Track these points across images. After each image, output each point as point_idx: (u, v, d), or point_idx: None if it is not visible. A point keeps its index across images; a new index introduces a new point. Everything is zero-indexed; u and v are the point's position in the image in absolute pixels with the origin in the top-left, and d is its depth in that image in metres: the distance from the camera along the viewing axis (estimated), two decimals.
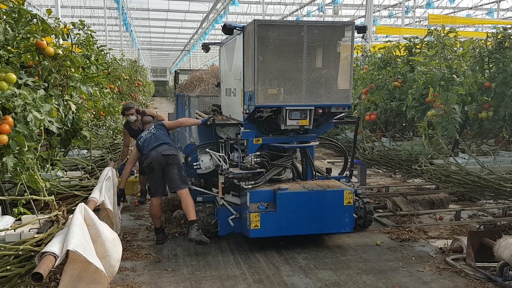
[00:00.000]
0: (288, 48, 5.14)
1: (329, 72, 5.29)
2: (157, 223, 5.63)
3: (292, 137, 5.56)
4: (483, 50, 5.71)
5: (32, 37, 3.34)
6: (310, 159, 5.82)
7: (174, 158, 5.39)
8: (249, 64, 5.17)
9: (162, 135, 5.61)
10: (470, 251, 4.94)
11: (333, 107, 5.37)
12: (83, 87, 3.90)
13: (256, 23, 4.95)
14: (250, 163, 5.24)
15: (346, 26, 5.33)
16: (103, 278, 2.98)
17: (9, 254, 2.93)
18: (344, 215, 5.33)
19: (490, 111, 5.72)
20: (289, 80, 5.17)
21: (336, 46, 5.33)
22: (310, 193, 5.24)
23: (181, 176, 5.34)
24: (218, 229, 5.59)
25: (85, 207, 3.25)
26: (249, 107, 5.21)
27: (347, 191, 5.33)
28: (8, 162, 2.83)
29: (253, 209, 5.12)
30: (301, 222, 5.22)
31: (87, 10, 24.89)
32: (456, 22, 12.28)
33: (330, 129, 6.66)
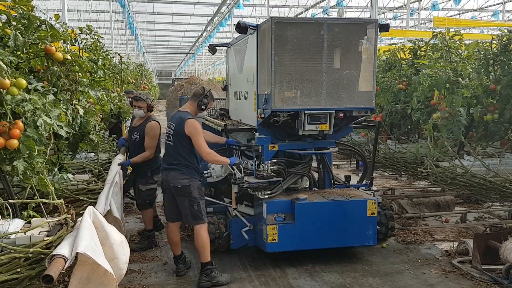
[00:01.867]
0: (307, 47, 4.84)
1: (350, 73, 4.99)
2: (176, 250, 4.87)
3: (309, 143, 5.23)
4: (488, 53, 5.72)
5: (41, 43, 3.39)
6: (328, 166, 5.48)
7: (184, 191, 4.57)
8: (264, 65, 4.88)
9: (180, 151, 4.62)
10: (476, 254, 4.94)
11: (355, 110, 5.08)
12: (91, 91, 3.95)
13: (273, 20, 4.63)
14: (266, 171, 4.86)
15: (369, 24, 5.02)
16: (112, 280, 3.01)
17: (19, 257, 2.96)
18: (367, 227, 4.98)
19: (496, 114, 5.72)
20: (308, 82, 4.86)
21: (358, 45, 5.03)
22: (331, 204, 4.90)
23: (193, 212, 4.57)
24: (230, 242, 5.27)
25: (94, 210, 3.29)
26: (264, 111, 4.89)
27: (370, 201, 4.99)
28: (18, 166, 2.89)
29: (270, 221, 4.78)
30: (321, 235, 4.89)
31: (93, 14, 25.03)
32: (461, 25, 12.27)
33: (348, 134, 6.45)
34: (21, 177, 3.05)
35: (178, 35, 39.29)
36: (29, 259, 2.98)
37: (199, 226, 4.60)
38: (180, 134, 4.57)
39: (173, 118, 4.76)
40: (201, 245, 4.59)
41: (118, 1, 20.42)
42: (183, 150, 4.60)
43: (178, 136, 4.59)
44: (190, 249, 5.46)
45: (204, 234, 4.61)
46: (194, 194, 4.57)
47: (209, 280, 4.53)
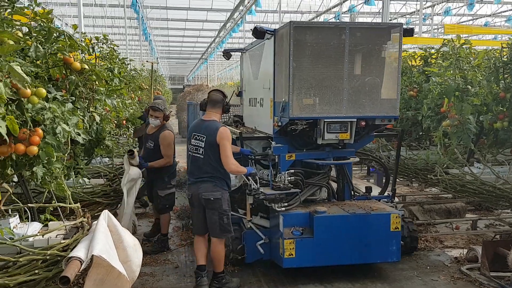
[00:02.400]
0: (327, 53, 4.65)
1: (373, 80, 4.78)
2: (201, 259, 4.67)
3: (328, 152, 4.99)
4: (498, 61, 5.75)
5: (60, 53, 3.53)
6: (348, 177, 5.22)
7: (216, 203, 4.46)
8: (282, 71, 4.68)
9: (211, 163, 4.49)
10: (485, 261, 4.95)
11: (377, 119, 4.82)
12: (107, 100, 4.09)
13: (292, 25, 4.43)
14: (283, 182, 4.65)
15: (393, 28, 4.82)
16: (125, 283, 3.12)
17: (37, 259, 3.10)
18: (390, 242, 4.72)
19: (505, 121, 5.74)
20: (328, 88, 4.65)
21: (381, 50, 4.82)
22: (352, 217, 4.64)
23: (222, 224, 4.48)
24: (245, 256, 5.05)
25: (109, 214, 3.41)
26: (281, 119, 4.68)
27: (394, 214, 4.71)
28: (37, 171, 3.02)
29: (287, 235, 4.55)
30: (341, 250, 4.64)
31: (108, 20, 25.42)
32: (472, 32, 12.23)
33: (369, 143, 6.13)
34: (40, 182, 3.17)
35: (191, 41, 39.66)
36: (47, 261, 3.11)
37: (220, 239, 4.55)
38: (212, 144, 4.43)
39: (199, 128, 4.60)
40: (217, 257, 4.55)
41: (133, 7, 20.69)
42: (216, 161, 4.45)
43: (211, 147, 4.44)
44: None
45: (222, 247, 4.59)
46: (225, 207, 4.49)
47: (220, 286, 4.55)
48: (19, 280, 2.94)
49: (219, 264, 4.56)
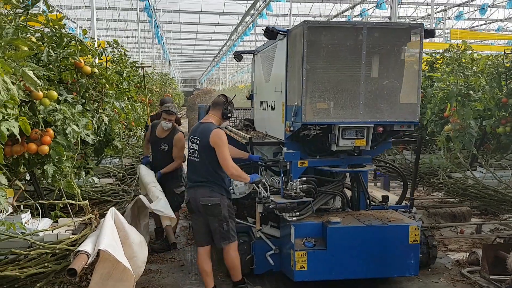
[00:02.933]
0: (343, 54, 4.39)
1: (391, 83, 4.50)
2: (208, 282, 4.45)
3: (343, 159, 4.73)
4: (500, 66, 5.82)
5: (71, 57, 3.71)
6: (364, 185, 4.95)
7: (214, 209, 4.25)
8: (294, 74, 4.44)
9: (207, 167, 4.31)
10: (485, 263, 5.01)
11: (396, 124, 4.54)
12: (116, 102, 4.26)
13: (305, 24, 4.17)
14: (295, 191, 4.39)
15: (413, 29, 4.53)
16: (130, 277, 3.27)
17: (46, 253, 3.28)
18: (408, 255, 4.43)
19: (508, 126, 5.80)
20: (343, 92, 4.37)
21: (400, 52, 4.55)
22: (368, 229, 4.37)
23: (222, 232, 4.28)
24: (253, 267, 4.79)
25: (116, 212, 3.57)
26: (293, 123, 4.43)
27: (412, 226, 4.41)
28: (48, 169, 3.20)
29: (298, 246, 4.28)
30: (356, 263, 4.37)
31: (121, 23, 25.82)
32: (478, 37, 12.22)
33: (385, 150, 5.83)
34: (50, 180, 3.34)
35: (203, 44, 40.00)
36: (56, 255, 3.29)
37: (227, 246, 4.33)
38: (206, 147, 4.23)
39: (195, 132, 4.44)
40: (231, 266, 4.37)
41: (146, 11, 21.02)
42: (211, 165, 4.25)
43: (205, 149, 4.25)
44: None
45: (233, 253, 4.35)
46: (224, 213, 4.26)
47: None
48: (30, 272, 3.12)
49: (236, 273, 4.38)
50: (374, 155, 5.06)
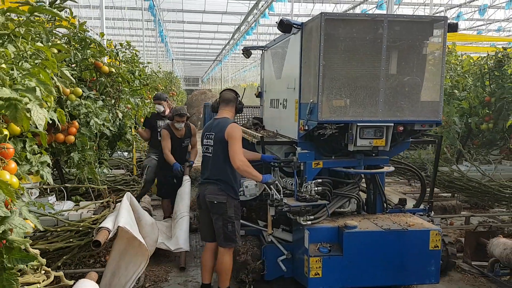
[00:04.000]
0: (361, 49, 4.13)
1: (413, 80, 4.25)
2: (205, 277, 4.42)
3: (359, 159, 4.50)
4: (483, 68, 6.25)
5: (91, 58, 4.16)
6: (381, 187, 4.72)
7: (220, 208, 4.14)
8: (310, 70, 4.21)
9: (220, 163, 4.21)
10: (467, 250, 5.44)
11: (417, 123, 4.30)
12: (131, 99, 4.73)
13: (323, 17, 3.93)
14: (309, 193, 4.16)
15: (436, 22, 4.25)
16: (145, 251, 3.71)
17: (71, 230, 3.73)
18: (429, 262, 4.19)
19: (491, 123, 6.22)
20: (362, 89, 4.14)
21: (422, 47, 4.27)
22: (386, 234, 4.12)
23: (226, 232, 4.13)
24: (264, 272, 4.57)
25: (131, 196, 4.02)
26: (308, 122, 4.20)
27: (433, 231, 4.17)
28: (74, 157, 3.66)
29: (312, 252, 4.05)
30: (374, 270, 4.14)
31: (126, 22, 26.23)
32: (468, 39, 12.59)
33: (404, 150, 5.65)
34: (75, 166, 3.80)
35: (206, 43, 40.35)
36: (79, 232, 3.75)
37: (227, 250, 4.21)
38: (221, 140, 4.14)
39: (210, 128, 4.36)
40: (223, 270, 4.22)
41: (150, 11, 21.45)
42: (224, 161, 4.15)
43: (219, 143, 4.16)
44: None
45: (229, 258, 4.21)
46: (230, 213, 4.13)
47: None
48: (57, 246, 3.57)
49: (225, 279, 4.24)
50: (392, 155, 4.86)
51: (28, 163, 2.24)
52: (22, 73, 1.77)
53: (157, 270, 5.17)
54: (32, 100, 1.70)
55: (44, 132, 2.20)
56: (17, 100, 1.65)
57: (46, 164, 2.36)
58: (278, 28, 4.43)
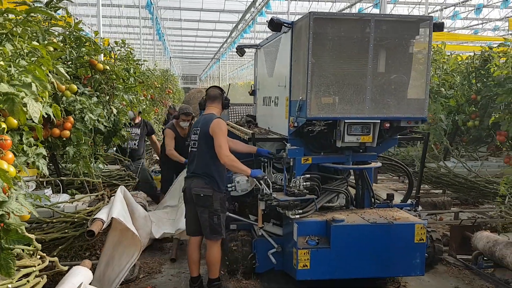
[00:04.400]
0: (349, 47, 4.25)
1: (399, 78, 4.36)
2: (194, 270, 4.50)
3: (348, 155, 4.61)
4: (470, 67, 6.41)
5: (86, 55, 4.30)
6: (369, 182, 4.86)
7: (206, 200, 4.25)
8: (299, 68, 4.30)
9: (205, 157, 4.33)
10: (452, 243, 5.60)
11: (403, 120, 4.41)
12: (125, 95, 4.87)
13: (311, 16, 4.03)
14: (298, 188, 4.30)
15: (422, 22, 4.37)
16: (138, 242, 3.87)
17: (67, 221, 3.88)
18: (414, 255, 4.31)
19: (477, 121, 6.38)
20: (349, 87, 4.24)
21: (409, 46, 4.38)
22: (373, 227, 4.24)
23: (212, 224, 4.26)
24: (255, 265, 4.72)
25: (125, 189, 4.17)
26: (297, 119, 4.31)
27: (418, 225, 4.28)
28: (69, 151, 3.81)
29: (301, 244, 4.16)
30: (360, 262, 4.25)
31: (123, 20, 26.33)
32: (458, 39, 12.78)
33: (392, 147, 5.79)
34: (71, 160, 3.95)
35: (203, 41, 40.45)
36: (74, 223, 3.90)
37: (214, 242, 4.33)
38: (205, 135, 4.27)
39: (197, 124, 4.51)
40: (213, 261, 4.35)
41: (147, 8, 21.56)
42: (209, 155, 4.27)
43: (204, 138, 4.30)
44: None
45: (217, 250, 4.35)
46: (216, 206, 4.26)
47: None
48: (53, 237, 3.72)
49: (214, 269, 4.37)
50: (380, 152, 4.97)
51: (25, 155, 2.38)
52: (19, 70, 1.92)
53: (151, 262, 5.31)
54: (28, 94, 1.85)
55: (40, 126, 2.34)
56: (14, 95, 1.79)
57: (41, 156, 2.50)
58: (268, 27, 4.52)
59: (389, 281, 4.78)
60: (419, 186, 5.41)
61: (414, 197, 5.30)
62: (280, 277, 4.80)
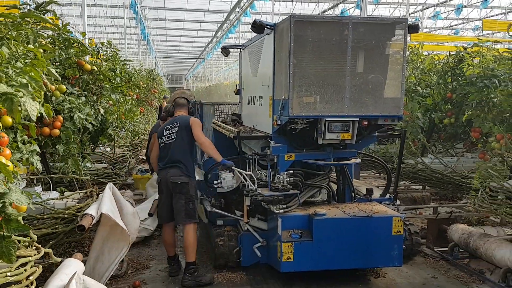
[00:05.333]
0: (329, 49, 4.44)
1: (376, 78, 4.56)
2: (170, 251, 4.94)
3: (329, 152, 4.81)
4: (445, 66, 6.67)
5: (74, 56, 4.43)
6: (349, 178, 5.07)
7: (183, 187, 4.61)
8: (281, 68, 4.48)
9: (182, 146, 4.72)
10: (429, 236, 5.85)
11: (380, 118, 4.62)
12: (112, 95, 5.00)
13: (292, 19, 4.21)
14: (282, 183, 4.49)
15: (398, 24, 4.57)
16: (126, 236, 4.00)
17: (57, 217, 4.00)
18: (392, 246, 4.53)
19: (452, 118, 6.65)
20: (329, 86, 4.42)
21: (385, 47, 4.59)
22: (353, 220, 4.45)
23: (187, 209, 4.59)
24: (241, 259, 4.92)
25: (113, 186, 4.30)
26: (281, 117, 4.48)
27: (396, 218, 4.50)
28: (59, 149, 3.93)
29: (285, 238, 4.36)
30: (341, 254, 4.46)
31: (108, 20, 26.25)
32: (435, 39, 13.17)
33: (371, 144, 6.03)
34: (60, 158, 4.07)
35: (189, 41, 40.44)
36: (65, 219, 4.02)
37: (190, 226, 4.61)
38: (186, 127, 4.70)
39: (170, 123, 4.90)
40: (188, 244, 4.60)
41: (132, 8, 21.55)
42: (188, 144, 4.70)
43: (184, 129, 4.72)
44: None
45: (193, 233, 4.61)
46: (191, 192, 4.64)
47: (192, 279, 4.55)
48: (43, 232, 3.83)
49: (191, 252, 4.60)
50: (360, 148, 5.16)
51: (19, 152, 2.51)
52: (16, 71, 2.05)
53: (139, 257, 5.44)
54: (26, 94, 1.99)
55: (34, 124, 2.48)
56: (13, 94, 1.93)
57: (35, 153, 2.64)
58: (251, 29, 4.69)
59: (369, 272, 4.99)
60: (397, 181, 5.65)
61: (392, 192, 5.49)
62: (265, 270, 4.97)
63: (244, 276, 4.88)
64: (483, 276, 4.91)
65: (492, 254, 4.77)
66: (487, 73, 5.60)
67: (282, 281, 4.75)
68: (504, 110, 5.43)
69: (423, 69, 7.07)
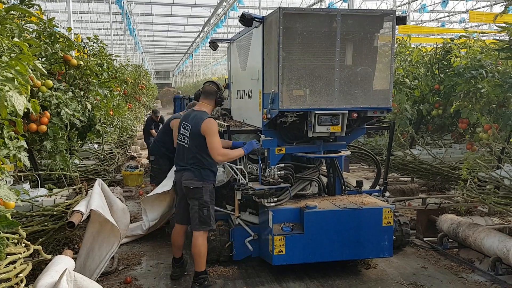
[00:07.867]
0: (318, 41, 4.39)
1: (365, 70, 4.54)
2: (176, 252, 4.69)
3: (319, 145, 4.82)
4: (433, 58, 6.72)
5: (60, 51, 4.36)
6: (339, 171, 5.05)
7: (196, 192, 4.30)
8: (271, 61, 4.43)
9: (196, 152, 4.34)
10: (419, 226, 5.89)
11: (370, 110, 4.62)
12: (100, 90, 4.94)
13: (281, 11, 4.16)
14: (272, 177, 4.47)
15: (386, 16, 4.56)
16: (117, 232, 3.97)
17: (46, 214, 3.95)
18: (383, 237, 4.57)
19: (440, 109, 6.70)
20: (318, 79, 4.40)
21: (373, 39, 4.56)
22: (343, 212, 4.46)
23: (201, 216, 4.28)
24: (233, 253, 4.90)
25: (102, 182, 4.26)
26: (270, 111, 4.45)
27: (386, 209, 4.55)
28: (47, 145, 3.88)
29: (276, 231, 4.36)
30: (333, 246, 4.49)
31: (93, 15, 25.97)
32: (423, 32, 13.25)
33: (360, 136, 6.00)
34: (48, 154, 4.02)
35: (176, 36, 40.19)
36: (54, 216, 3.97)
37: (201, 233, 4.34)
38: (196, 134, 4.29)
39: (187, 118, 4.48)
40: (198, 253, 4.32)
41: (117, 3, 21.33)
42: (199, 152, 4.32)
43: (195, 137, 4.32)
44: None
45: (203, 242, 4.34)
46: (206, 198, 4.31)
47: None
48: (32, 230, 3.79)
49: (200, 262, 4.34)
50: (350, 141, 5.15)
51: (6, 148, 2.47)
52: (2, 65, 2.01)
53: (130, 254, 5.41)
54: (12, 88, 1.95)
55: (21, 120, 2.43)
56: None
57: (23, 149, 2.60)
58: (240, 22, 4.61)
59: (360, 263, 5.02)
60: (387, 173, 5.66)
61: (382, 183, 5.54)
62: (257, 264, 4.98)
63: (236, 270, 4.87)
64: (472, 265, 4.96)
65: (481, 243, 4.83)
66: (474, 64, 5.64)
67: (274, 274, 4.74)
68: (491, 100, 5.49)
69: (410, 61, 7.11)
